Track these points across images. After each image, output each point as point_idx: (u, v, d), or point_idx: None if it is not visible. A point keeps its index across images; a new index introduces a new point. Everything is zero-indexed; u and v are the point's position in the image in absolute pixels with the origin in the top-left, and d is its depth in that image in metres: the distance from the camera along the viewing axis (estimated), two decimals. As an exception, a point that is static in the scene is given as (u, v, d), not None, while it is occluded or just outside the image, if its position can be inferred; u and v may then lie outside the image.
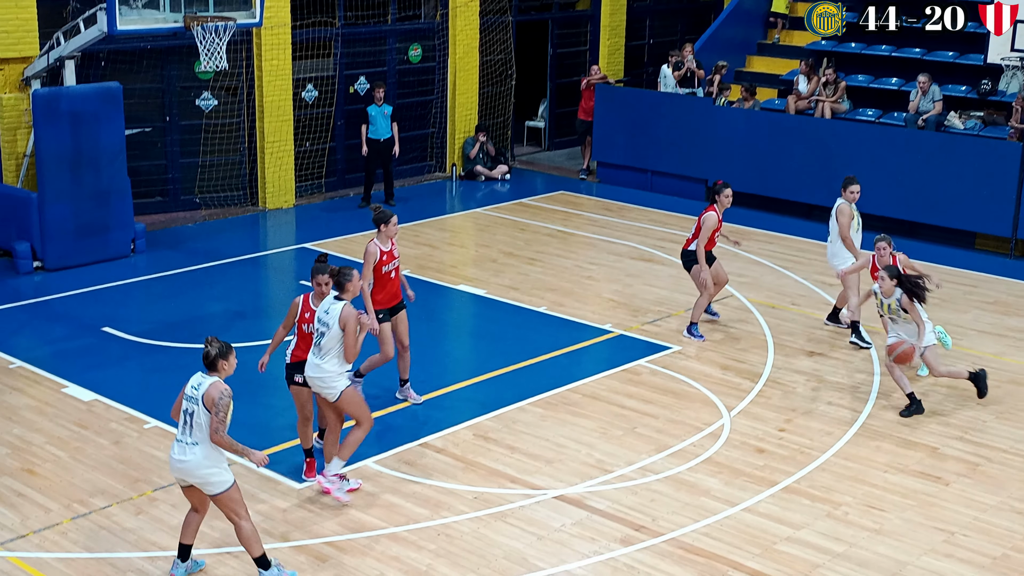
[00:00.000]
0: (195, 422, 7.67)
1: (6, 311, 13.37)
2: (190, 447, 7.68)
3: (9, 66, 14.91)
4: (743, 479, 9.69)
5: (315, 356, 9.04)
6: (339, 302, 8.97)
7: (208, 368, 7.75)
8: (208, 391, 7.63)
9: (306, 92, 18.49)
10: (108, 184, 14.97)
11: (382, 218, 10.56)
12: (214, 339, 7.82)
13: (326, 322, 8.94)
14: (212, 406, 7.59)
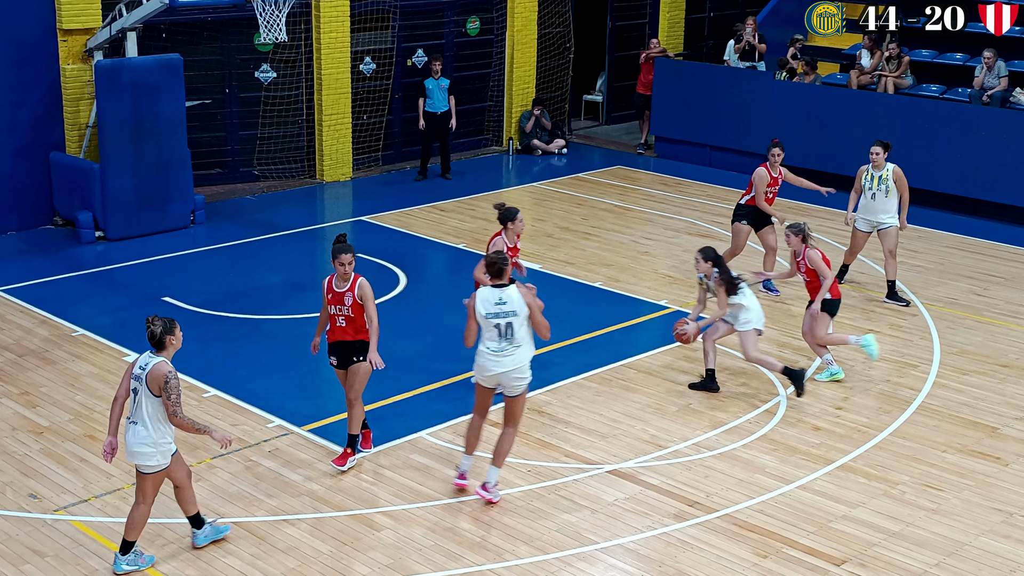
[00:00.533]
0: (138, 400, 7.56)
1: (69, 280, 13.58)
2: (133, 427, 7.59)
3: (72, 37, 15.09)
4: (798, 457, 9.63)
5: (509, 345, 8.56)
6: (506, 287, 8.56)
7: (156, 347, 7.59)
8: (151, 373, 7.48)
9: (364, 65, 18.54)
10: (169, 155, 15.13)
11: (508, 216, 10.62)
12: (155, 317, 7.66)
13: (511, 310, 8.50)
14: (161, 390, 7.45)
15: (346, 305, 8.96)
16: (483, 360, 8.61)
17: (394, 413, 10.35)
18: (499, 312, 8.51)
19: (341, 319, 9.00)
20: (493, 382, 8.69)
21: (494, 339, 8.55)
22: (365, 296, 8.92)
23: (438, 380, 11.02)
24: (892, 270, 13.18)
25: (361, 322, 8.99)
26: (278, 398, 10.58)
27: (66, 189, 15.14)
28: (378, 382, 10.78)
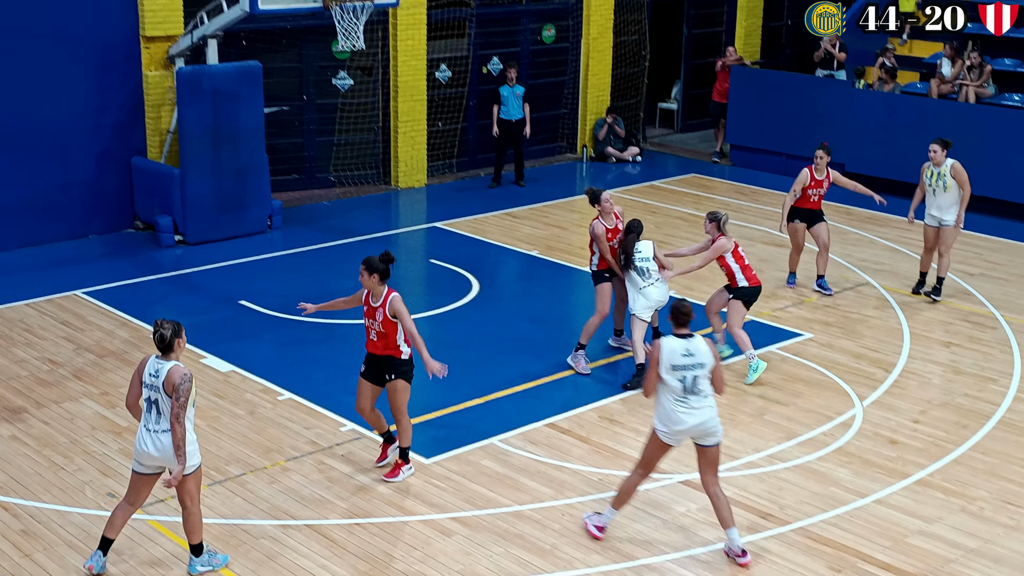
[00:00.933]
0: (161, 409, 7.52)
1: (148, 283, 13.83)
2: (162, 435, 7.53)
3: (155, 44, 15.37)
4: (874, 470, 9.48)
5: (696, 397, 7.99)
6: (693, 337, 8.00)
7: (164, 351, 7.54)
8: (168, 376, 7.45)
9: (440, 72, 18.64)
10: (247, 161, 15.34)
11: (595, 197, 11.19)
12: (164, 321, 7.58)
13: (699, 362, 7.95)
14: (173, 391, 7.43)
15: (377, 320, 8.87)
16: (674, 414, 7.99)
17: (465, 419, 10.37)
18: (687, 365, 7.98)
19: (373, 333, 8.94)
20: (683, 436, 8.09)
21: (678, 392, 7.98)
22: (398, 312, 8.79)
23: (510, 387, 11.03)
24: (944, 266, 13.23)
25: (393, 339, 8.87)
26: (352, 402, 10.63)
27: (147, 193, 15.42)
28: (449, 388, 10.84)
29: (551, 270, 14.40)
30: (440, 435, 10.04)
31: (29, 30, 14.45)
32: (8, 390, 10.75)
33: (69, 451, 9.62)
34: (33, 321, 12.42)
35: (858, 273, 14.40)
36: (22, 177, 14.75)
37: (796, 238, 13.66)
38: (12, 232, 14.75)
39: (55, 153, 14.96)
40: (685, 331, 8.04)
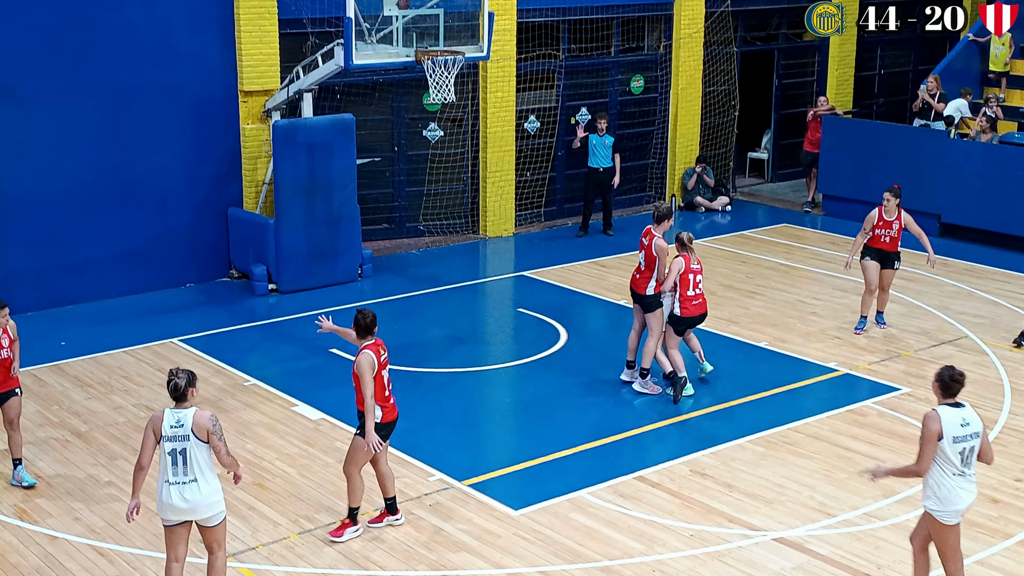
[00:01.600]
0: (189, 458, 7.47)
1: (243, 331, 14.04)
2: (190, 485, 7.50)
3: (252, 98, 15.72)
4: (975, 530, 9.20)
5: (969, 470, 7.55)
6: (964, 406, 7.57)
7: (178, 400, 7.54)
8: (196, 422, 7.45)
9: (528, 123, 18.77)
10: (339, 211, 15.56)
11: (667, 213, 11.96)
12: (179, 369, 7.60)
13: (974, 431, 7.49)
14: (210, 435, 7.43)
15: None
16: (953, 492, 7.45)
17: (553, 470, 10.31)
18: (965, 436, 7.46)
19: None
20: (960, 515, 7.58)
21: (957, 466, 7.45)
22: (358, 371, 8.68)
23: (598, 438, 10.94)
24: None
25: (359, 394, 8.79)
26: (439, 451, 10.67)
27: (242, 243, 15.71)
28: (537, 439, 10.82)
29: (640, 321, 14.32)
30: (528, 486, 9.99)
31: (132, 86, 14.89)
32: (106, 436, 10.96)
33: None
34: (131, 368, 12.67)
35: (956, 326, 14.08)
36: (123, 227, 15.13)
37: (868, 274, 13.63)
38: (112, 280, 15.11)
39: (155, 204, 15.34)
40: (952, 399, 7.55)
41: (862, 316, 13.83)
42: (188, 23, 15.16)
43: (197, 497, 7.52)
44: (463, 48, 14.46)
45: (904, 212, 13.56)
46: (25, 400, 11.79)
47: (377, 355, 8.72)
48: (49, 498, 9.75)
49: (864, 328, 13.77)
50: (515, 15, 17.79)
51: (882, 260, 13.58)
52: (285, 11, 15.70)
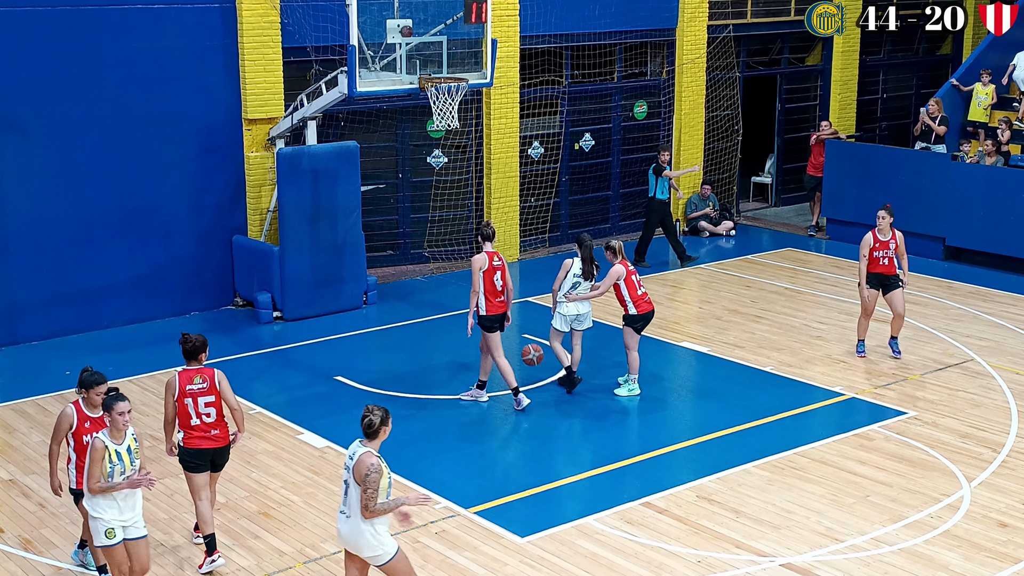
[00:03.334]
0: (349, 492, 7.53)
1: (247, 359, 14.03)
2: (345, 518, 7.55)
3: (256, 126, 15.78)
4: (984, 554, 9.14)
5: None
6: None
7: (369, 436, 7.54)
8: (357, 465, 7.44)
9: (532, 149, 18.81)
10: (344, 238, 15.58)
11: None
12: (374, 407, 7.59)
13: None
14: (362, 481, 7.40)
15: None
16: None
17: (559, 497, 10.27)
18: None
19: None
20: None
21: None
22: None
23: (604, 465, 10.91)
24: None
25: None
26: (445, 478, 10.64)
27: (247, 271, 15.72)
28: (543, 465, 10.78)
29: (643, 344, 14.27)
30: (534, 514, 9.94)
31: (137, 114, 14.95)
32: (110, 465, 10.93)
33: (168, 527, 9.72)
34: (136, 397, 12.66)
35: (962, 349, 14.04)
36: (127, 256, 15.15)
37: (866, 302, 13.58)
38: (117, 309, 15.12)
39: (159, 233, 15.36)
40: None
41: (860, 340, 13.83)
42: (192, 52, 15.23)
43: (345, 531, 7.58)
44: (467, 75, 14.52)
45: (897, 232, 13.54)
46: (30, 429, 11.79)
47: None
48: (53, 528, 9.72)
49: (864, 352, 13.72)
50: (518, 42, 17.87)
51: (882, 285, 13.50)
52: (289, 39, 15.78)
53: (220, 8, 15.34)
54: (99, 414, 8.39)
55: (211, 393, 8.89)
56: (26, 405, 12.49)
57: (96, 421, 8.39)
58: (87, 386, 8.44)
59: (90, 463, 7.80)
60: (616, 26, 18.97)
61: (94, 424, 8.37)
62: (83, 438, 8.36)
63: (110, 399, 7.98)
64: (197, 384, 8.90)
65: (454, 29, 14.54)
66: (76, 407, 8.49)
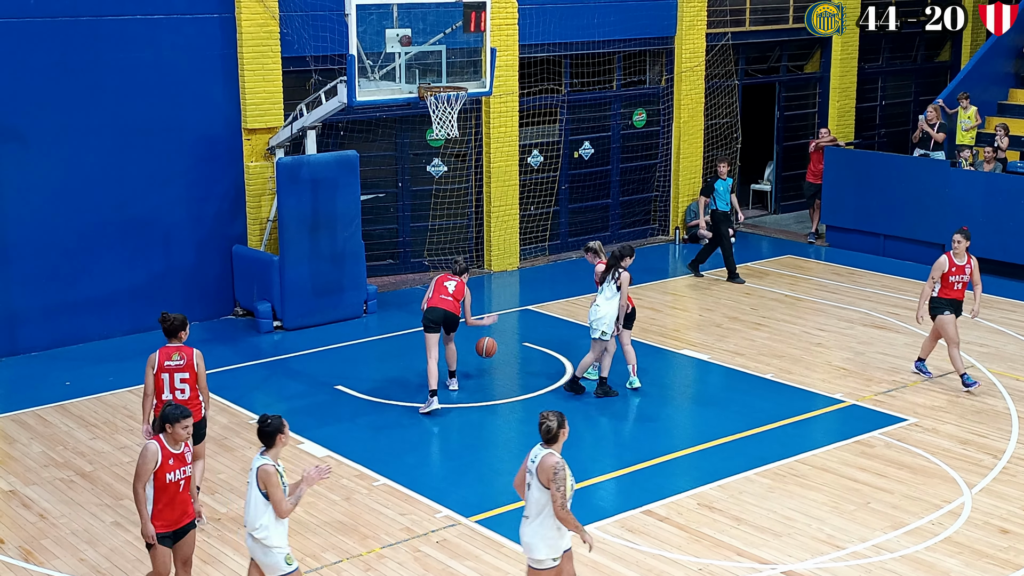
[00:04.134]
0: (530, 495, 7.54)
1: (247, 368, 14.02)
2: (524, 521, 7.59)
3: (256, 136, 15.79)
4: (985, 561, 9.14)
5: None
6: None
7: (549, 441, 7.52)
8: (541, 468, 7.44)
9: (532, 157, 18.83)
10: (344, 247, 15.59)
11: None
12: (549, 413, 7.56)
13: None
14: (549, 481, 7.42)
15: None
16: None
17: (561, 506, 10.25)
18: None
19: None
20: None
21: None
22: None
23: (605, 473, 10.91)
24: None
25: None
26: (446, 487, 10.63)
27: (247, 280, 15.72)
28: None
29: (643, 352, 14.29)
30: (536, 522, 9.93)
31: (136, 124, 14.96)
32: (111, 476, 10.93)
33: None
34: (135, 407, 12.64)
35: (962, 356, 14.03)
36: (128, 266, 15.16)
37: (948, 331, 12.59)
38: (117, 319, 15.12)
39: (159, 242, 15.37)
40: None
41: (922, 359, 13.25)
42: (191, 62, 15.26)
43: (523, 534, 7.61)
44: (466, 84, 14.54)
45: (973, 256, 12.76)
46: (30, 440, 11.80)
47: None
48: (54, 539, 9.71)
49: (928, 372, 13.24)
50: (517, 51, 17.90)
51: (956, 310, 12.68)
52: (288, 49, 15.81)
53: (219, 18, 15.37)
54: (181, 450, 7.82)
55: (187, 371, 9.44)
56: (26, 416, 12.49)
57: (179, 458, 7.80)
58: (171, 420, 7.76)
59: (272, 488, 7.41)
60: (615, 34, 19.00)
61: (177, 461, 7.79)
62: (165, 477, 7.75)
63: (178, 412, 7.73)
64: (175, 361, 9.44)
65: (453, 38, 14.57)
66: (159, 444, 7.77)
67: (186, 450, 7.82)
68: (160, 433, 7.80)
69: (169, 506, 7.80)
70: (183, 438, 7.77)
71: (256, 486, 7.46)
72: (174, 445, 7.77)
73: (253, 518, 7.49)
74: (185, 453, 7.81)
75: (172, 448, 7.77)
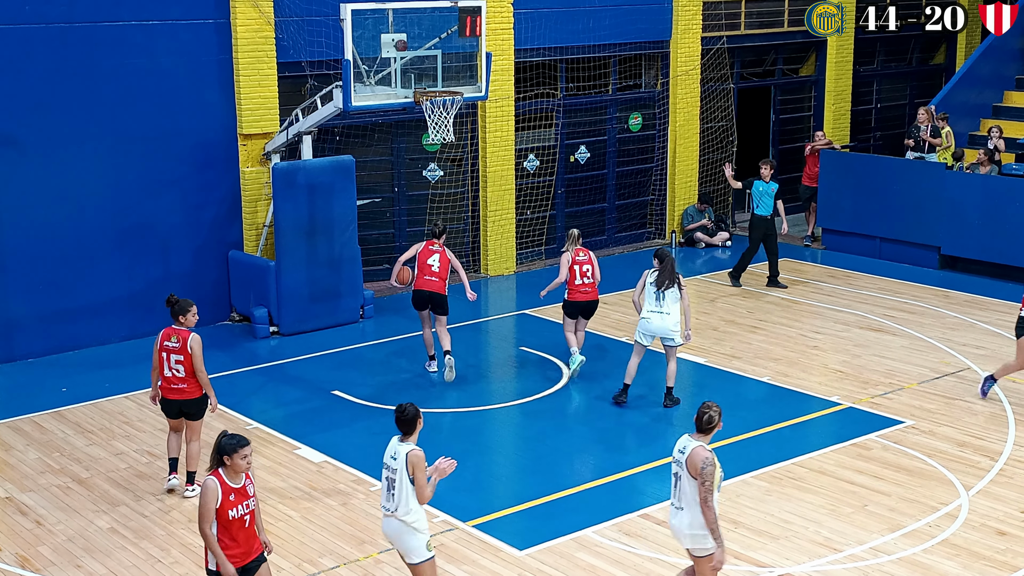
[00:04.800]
0: (680, 485, 7.71)
1: (244, 374, 14.02)
2: (675, 512, 7.77)
3: (252, 141, 15.79)
4: (983, 563, 9.14)
5: None
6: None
7: (704, 430, 7.75)
8: (690, 458, 7.62)
9: (528, 162, 18.84)
10: (340, 252, 15.58)
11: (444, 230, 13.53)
12: (712, 403, 7.80)
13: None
14: (698, 473, 7.56)
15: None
16: None
17: (558, 510, 10.26)
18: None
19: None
20: None
21: None
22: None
23: (602, 476, 10.90)
24: None
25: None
26: (443, 492, 10.57)
27: (243, 286, 15.72)
28: (541, 478, 10.76)
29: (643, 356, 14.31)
30: (532, 526, 9.93)
31: (132, 130, 14.96)
32: (107, 482, 10.92)
33: (166, 543, 9.71)
34: (132, 414, 12.65)
35: (958, 358, 14.06)
36: (124, 272, 15.14)
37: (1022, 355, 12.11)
38: (113, 326, 15.10)
39: (155, 248, 15.36)
40: None
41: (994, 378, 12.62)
42: (187, 68, 15.26)
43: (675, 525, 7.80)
44: (461, 88, 14.54)
45: None
46: (26, 446, 11.78)
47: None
48: (51, 546, 9.70)
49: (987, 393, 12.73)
50: (513, 55, 17.91)
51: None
52: (283, 54, 15.81)
53: (215, 24, 15.37)
54: (242, 483, 7.31)
55: (181, 353, 10.18)
56: (22, 422, 12.47)
57: (240, 492, 7.28)
58: (227, 452, 7.26)
59: (418, 473, 7.63)
60: (610, 39, 19.02)
61: (239, 496, 7.26)
62: (227, 513, 7.22)
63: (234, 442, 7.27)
64: (172, 342, 10.23)
65: (449, 43, 14.57)
66: (218, 480, 7.25)
67: (247, 482, 7.32)
68: (219, 467, 7.29)
69: (234, 542, 7.30)
70: (243, 469, 7.26)
71: (406, 471, 7.63)
72: (234, 478, 7.26)
73: (404, 502, 7.64)
74: (247, 486, 7.31)
75: (232, 482, 7.25)
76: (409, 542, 7.71)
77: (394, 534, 7.77)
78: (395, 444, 7.79)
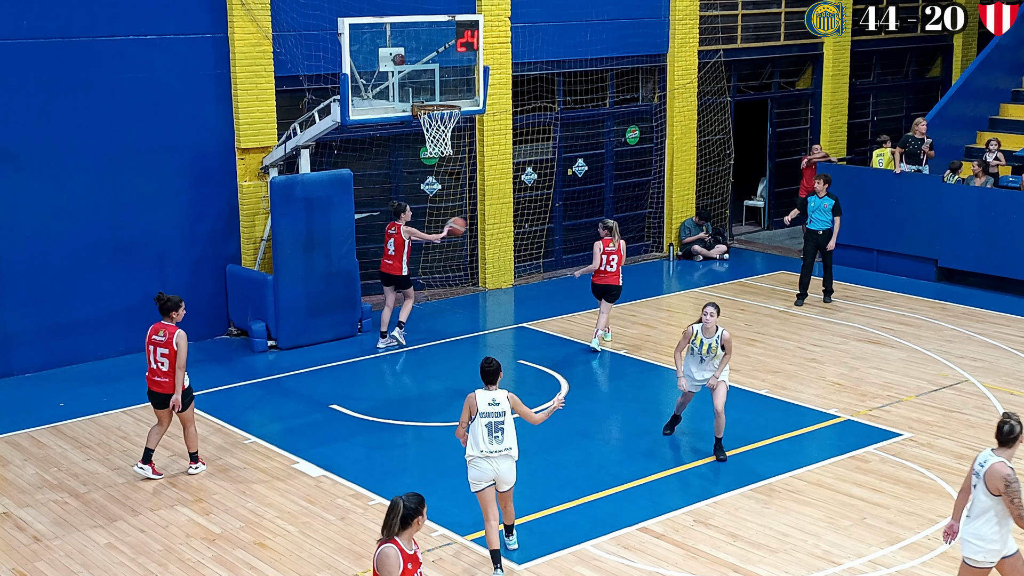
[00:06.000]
0: (976, 496, 7.53)
1: (242, 388, 14.00)
2: (966, 520, 7.64)
3: (249, 155, 15.81)
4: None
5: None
6: None
7: (1006, 443, 7.48)
8: (990, 474, 7.39)
9: (525, 175, 18.86)
10: (338, 266, 15.58)
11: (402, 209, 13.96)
12: (1013, 414, 7.53)
13: None
14: (999, 490, 7.35)
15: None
16: None
17: (556, 524, 10.24)
18: None
19: None
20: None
21: None
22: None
23: (601, 490, 10.89)
24: None
25: None
26: (442, 506, 10.60)
27: (241, 300, 15.71)
28: (539, 492, 10.75)
29: (638, 369, 14.31)
30: (531, 540, 9.92)
31: (130, 144, 14.97)
32: (105, 497, 10.90)
33: (164, 559, 9.68)
34: (130, 428, 12.63)
35: (956, 370, 14.06)
36: (121, 286, 15.13)
37: None
38: (111, 340, 15.09)
39: (153, 262, 15.36)
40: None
41: None
42: (184, 82, 15.28)
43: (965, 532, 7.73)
44: (459, 102, 14.56)
45: None
46: (24, 462, 11.76)
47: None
48: (48, 561, 9.67)
49: None
50: (510, 69, 17.95)
51: None
52: (281, 69, 15.84)
53: (212, 38, 15.40)
54: (414, 550, 6.94)
55: (166, 347, 10.85)
56: (20, 437, 12.45)
57: (414, 559, 6.91)
58: (415, 514, 6.92)
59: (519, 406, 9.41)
60: (607, 52, 19.06)
61: (414, 563, 6.89)
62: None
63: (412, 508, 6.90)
64: (160, 336, 10.92)
65: (446, 57, 14.60)
66: (398, 548, 6.84)
67: (417, 549, 6.99)
68: (402, 532, 6.89)
69: None
70: (415, 531, 6.94)
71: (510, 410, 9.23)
72: (408, 545, 6.90)
73: (513, 437, 9.15)
74: (417, 552, 6.97)
75: (407, 548, 6.88)
76: (513, 471, 9.13)
77: (504, 469, 9.05)
78: (487, 393, 9.18)
